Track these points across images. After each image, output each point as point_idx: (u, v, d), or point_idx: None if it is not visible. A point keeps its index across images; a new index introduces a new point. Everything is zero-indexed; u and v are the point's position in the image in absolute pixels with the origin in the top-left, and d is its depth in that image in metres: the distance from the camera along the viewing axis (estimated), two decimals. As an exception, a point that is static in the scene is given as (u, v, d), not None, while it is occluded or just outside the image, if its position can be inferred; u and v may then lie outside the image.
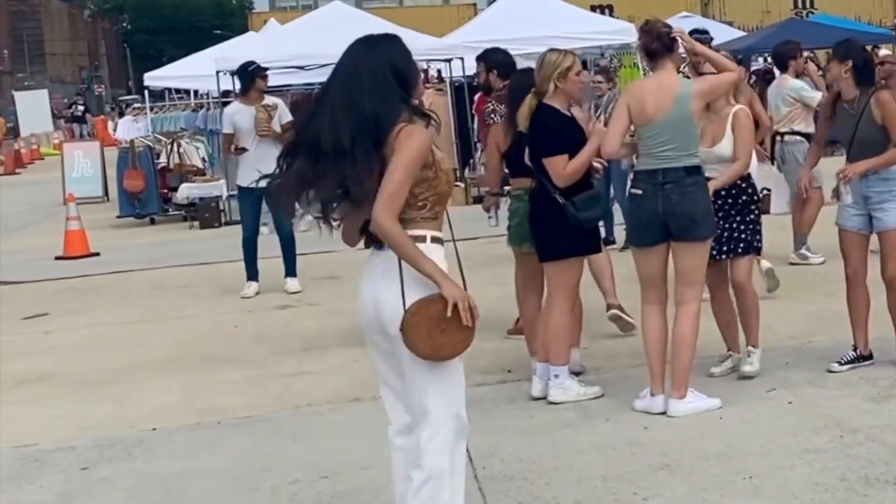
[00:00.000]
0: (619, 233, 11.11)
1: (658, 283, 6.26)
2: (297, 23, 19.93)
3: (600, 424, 6.05)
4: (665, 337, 6.23)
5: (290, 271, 10.71)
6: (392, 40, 4.24)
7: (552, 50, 6.61)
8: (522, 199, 6.87)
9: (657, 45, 6.16)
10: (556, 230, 6.39)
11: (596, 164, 6.56)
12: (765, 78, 17.76)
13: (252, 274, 10.73)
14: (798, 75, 10.51)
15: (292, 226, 10.58)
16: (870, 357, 6.76)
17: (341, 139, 4.02)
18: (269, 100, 10.69)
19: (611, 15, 29.59)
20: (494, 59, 8.15)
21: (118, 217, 17.73)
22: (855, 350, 6.75)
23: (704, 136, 6.54)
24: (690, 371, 6.21)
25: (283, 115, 10.61)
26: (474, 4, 47.15)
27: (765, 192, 8.35)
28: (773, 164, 10.43)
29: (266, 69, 10.96)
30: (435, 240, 4.14)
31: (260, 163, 10.23)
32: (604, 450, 5.64)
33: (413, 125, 4.09)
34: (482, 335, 8.01)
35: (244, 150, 10.50)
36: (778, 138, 10.29)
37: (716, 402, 6.16)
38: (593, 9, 32.31)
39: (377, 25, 18.05)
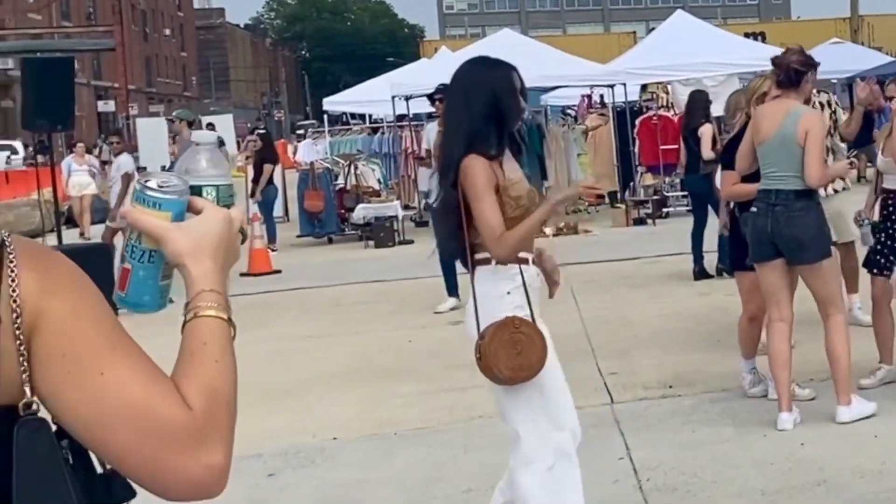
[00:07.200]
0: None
1: (778, 299, 6.31)
2: (468, 50, 20.36)
3: (758, 440, 6.11)
4: (787, 356, 6.29)
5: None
6: None
7: (759, 76, 7.21)
8: None
9: (784, 77, 6.30)
10: (745, 242, 6.57)
11: None
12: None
13: (451, 289, 10.66)
14: None
15: None
16: None
17: None
18: None
19: (763, 42, 29.47)
20: None
21: (298, 236, 18.16)
22: None
23: (888, 149, 6.77)
24: (850, 378, 6.28)
25: None
26: (634, 32, 47.69)
27: None
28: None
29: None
30: None
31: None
32: (762, 465, 5.70)
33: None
34: (643, 352, 8.25)
35: (427, 163, 10.42)
36: None
37: (873, 405, 6.26)
38: (747, 36, 32.63)
39: (543, 52, 18.39)
